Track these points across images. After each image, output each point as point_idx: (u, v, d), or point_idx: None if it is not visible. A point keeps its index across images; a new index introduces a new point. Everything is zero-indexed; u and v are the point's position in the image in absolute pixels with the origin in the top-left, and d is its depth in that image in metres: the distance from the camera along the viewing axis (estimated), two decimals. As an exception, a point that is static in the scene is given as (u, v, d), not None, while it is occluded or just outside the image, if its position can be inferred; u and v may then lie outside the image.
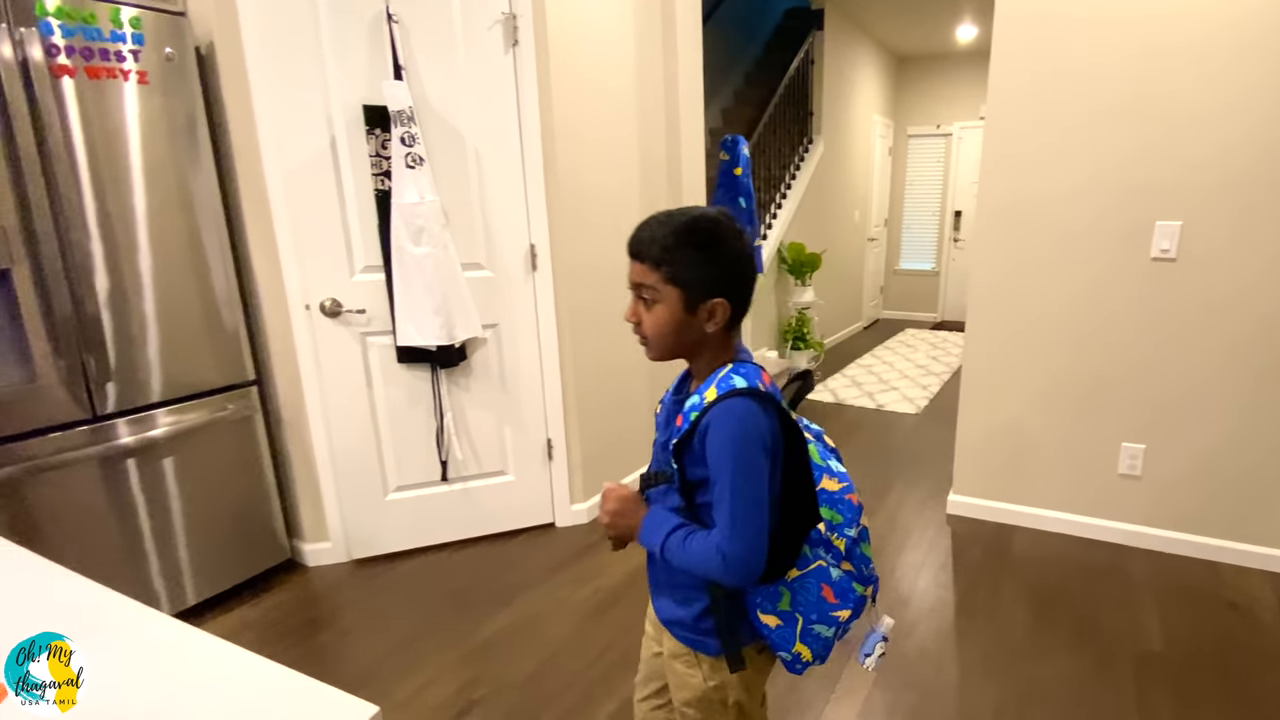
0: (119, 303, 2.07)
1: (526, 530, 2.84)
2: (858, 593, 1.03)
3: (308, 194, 2.34)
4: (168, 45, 2.11)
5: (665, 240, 0.97)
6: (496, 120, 2.52)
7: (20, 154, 1.84)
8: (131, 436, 2.12)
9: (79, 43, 1.94)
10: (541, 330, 2.72)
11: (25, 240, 1.87)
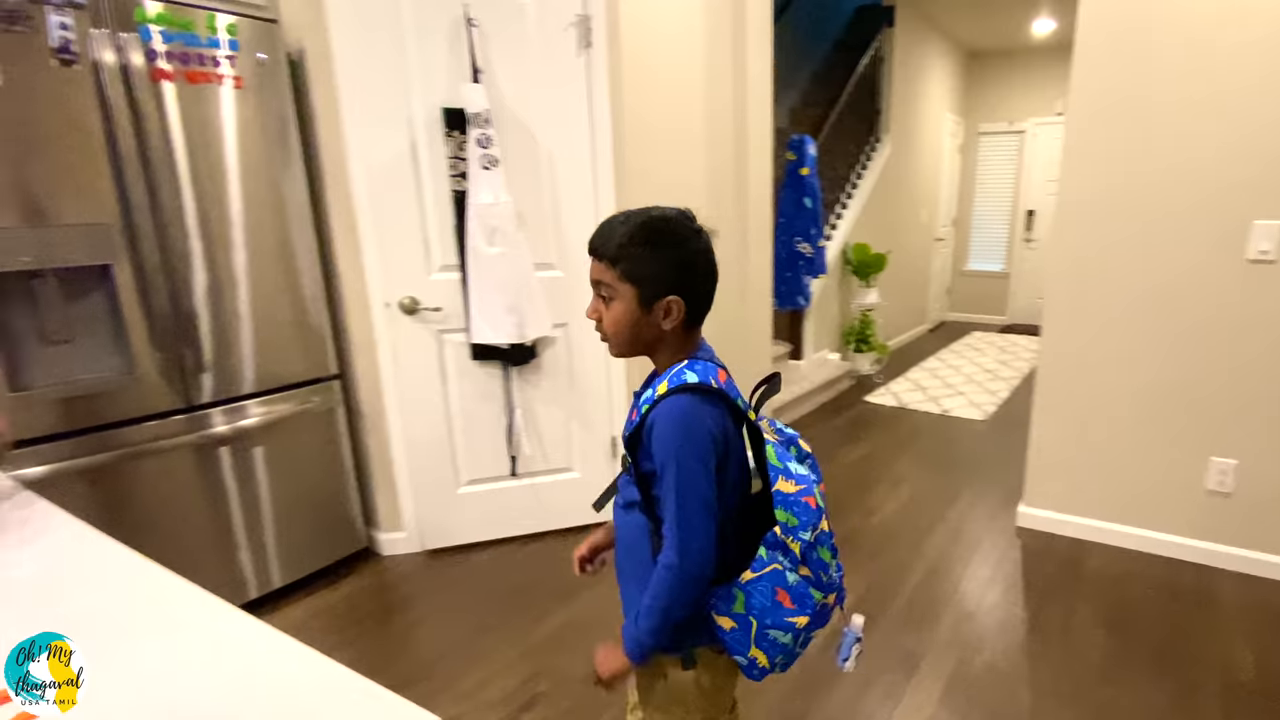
0: (214, 298, 2.18)
1: (591, 527, 2.87)
2: (815, 599, 0.99)
3: (389, 195, 2.41)
4: (261, 51, 2.20)
5: (621, 239, 0.98)
6: (569, 122, 2.55)
7: (122, 155, 1.94)
8: (224, 426, 2.23)
9: (178, 48, 2.03)
10: (609, 329, 2.74)
11: (126, 237, 1.97)
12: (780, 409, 4.07)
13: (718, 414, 0.97)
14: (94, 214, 1.91)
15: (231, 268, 2.20)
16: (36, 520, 0.86)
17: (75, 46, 1.85)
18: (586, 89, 2.55)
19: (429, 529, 2.70)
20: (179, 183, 2.07)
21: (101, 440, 1.97)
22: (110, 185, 1.93)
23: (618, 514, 1.11)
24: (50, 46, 1.81)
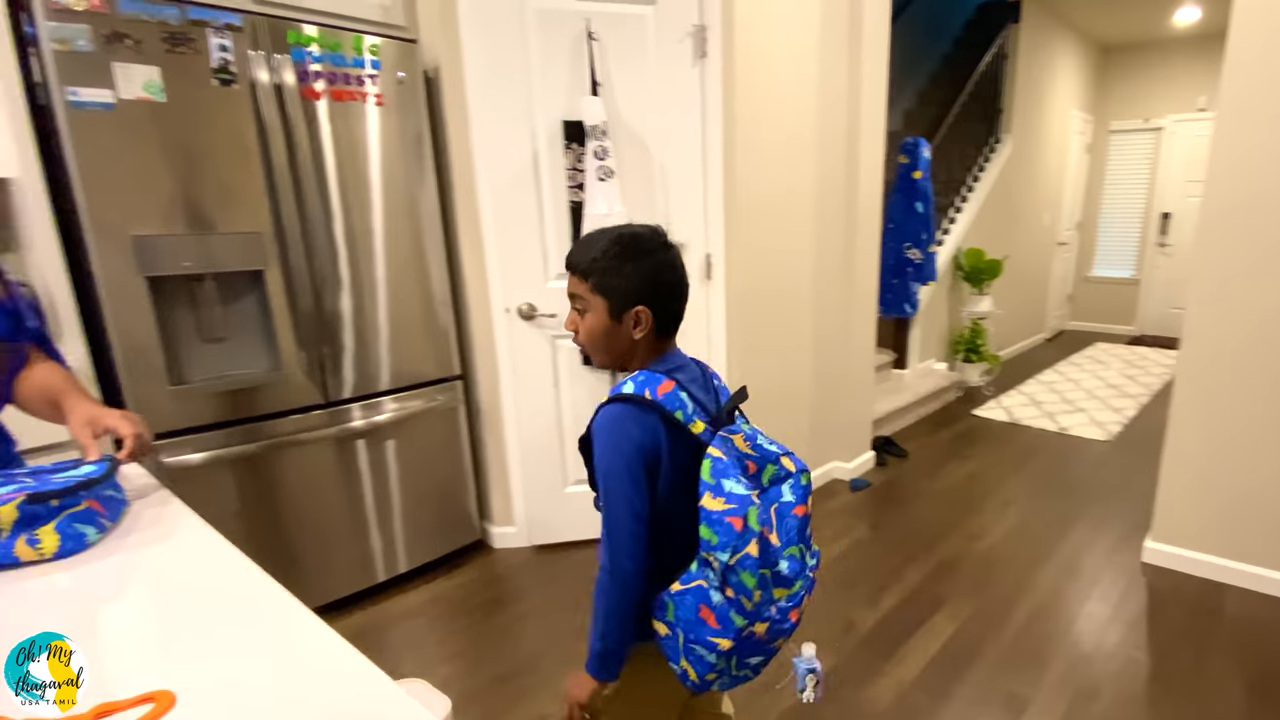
0: (355, 302, 2.33)
1: None
2: (737, 624, 0.97)
3: (512, 206, 2.51)
4: (401, 70, 2.32)
5: (593, 254, 1.03)
6: (681, 132, 2.58)
7: (274, 169, 2.09)
8: (361, 420, 2.38)
9: (326, 69, 2.16)
10: (712, 337, 2.76)
11: (277, 245, 2.13)
12: (882, 420, 3.96)
13: (649, 424, 1.00)
14: (249, 223, 2.07)
15: (372, 274, 2.35)
16: (167, 520, 0.92)
17: (234, 67, 2.00)
18: (700, 99, 2.57)
19: (537, 525, 2.80)
20: (327, 194, 2.22)
21: (250, 431, 2.15)
22: (264, 197, 2.09)
23: None
24: (211, 67, 1.97)
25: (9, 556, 0.77)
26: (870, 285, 3.37)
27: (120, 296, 1.90)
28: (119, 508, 0.91)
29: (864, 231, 3.20)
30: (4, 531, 0.77)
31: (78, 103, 1.79)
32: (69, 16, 1.76)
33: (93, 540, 0.83)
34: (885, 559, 2.70)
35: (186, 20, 1.91)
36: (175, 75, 1.90)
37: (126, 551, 0.82)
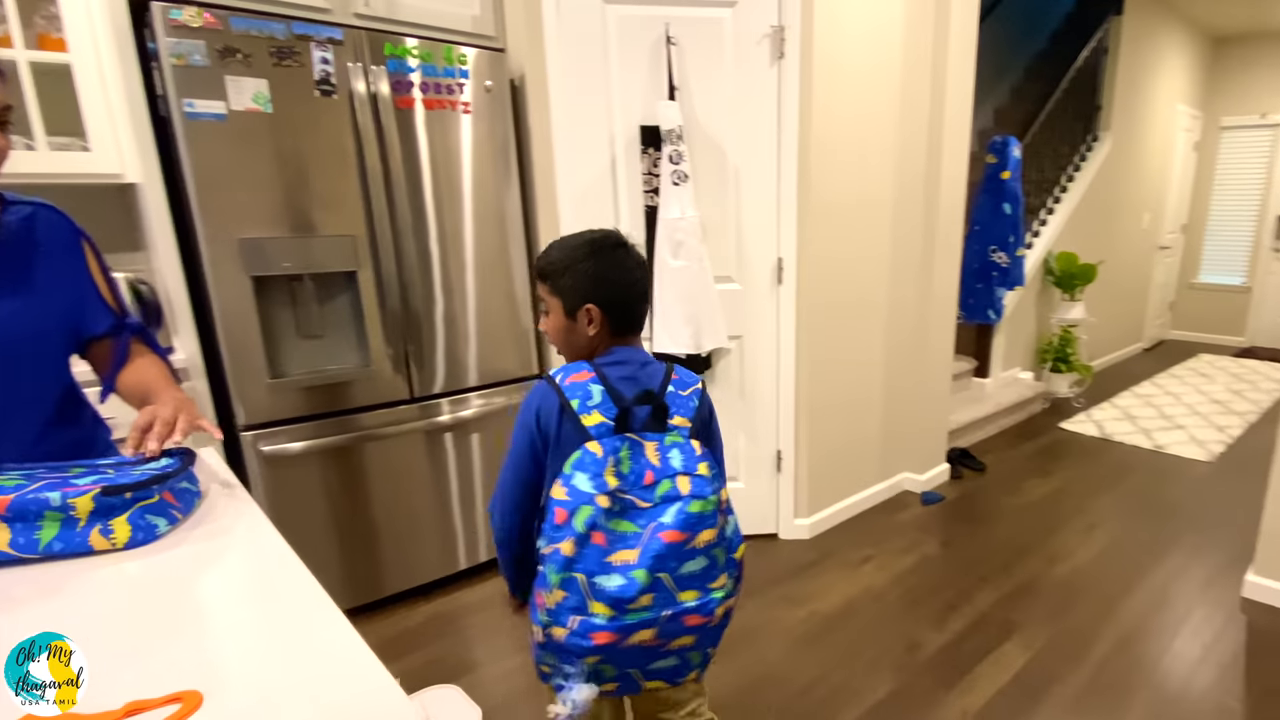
0: (445, 302, 2.37)
1: (750, 537, 2.84)
2: (540, 618, 1.01)
3: (590, 210, 2.51)
4: (488, 79, 2.35)
5: (550, 258, 1.12)
6: (756, 135, 2.51)
7: (368, 175, 2.15)
8: (448, 415, 2.43)
9: (418, 79, 2.21)
10: (781, 343, 2.67)
11: (370, 248, 2.19)
12: (959, 431, 3.76)
13: (549, 404, 1.04)
14: (345, 227, 2.14)
15: (462, 276, 2.39)
16: (232, 515, 0.93)
17: (334, 78, 2.07)
18: (776, 101, 2.49)
19: None
20: (419, 199, 2.26)
21: (342, 423, 2.22)
22: (359, 202, 2.15)
23: None
24: (313, 79, 2.04)
25: (84, 545, 0.80)
26: (950, 290, 3.19)
27: (228, 294, 1.99)
28: (192, 500, 0.94)
29: (944, 234, 3.03)
30: (81, 521, 0.80)
31: (193, 114, 1.89)
32: (186, 33, 1.85)
33: (163, 531, 0.86)
34: (955, 578, 2.54)
35: (292, 35, 1.99)
36: (281, 87, 1.97)
37: (191, 544, 0.85)
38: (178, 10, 1.82)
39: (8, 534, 0.77)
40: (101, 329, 1.14)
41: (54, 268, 1.07)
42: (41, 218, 1.07)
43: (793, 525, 2.85)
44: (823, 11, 2.45)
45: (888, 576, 2.54)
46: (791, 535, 2.86)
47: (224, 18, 1.88)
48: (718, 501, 1.03)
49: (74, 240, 1.11)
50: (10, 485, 0.80)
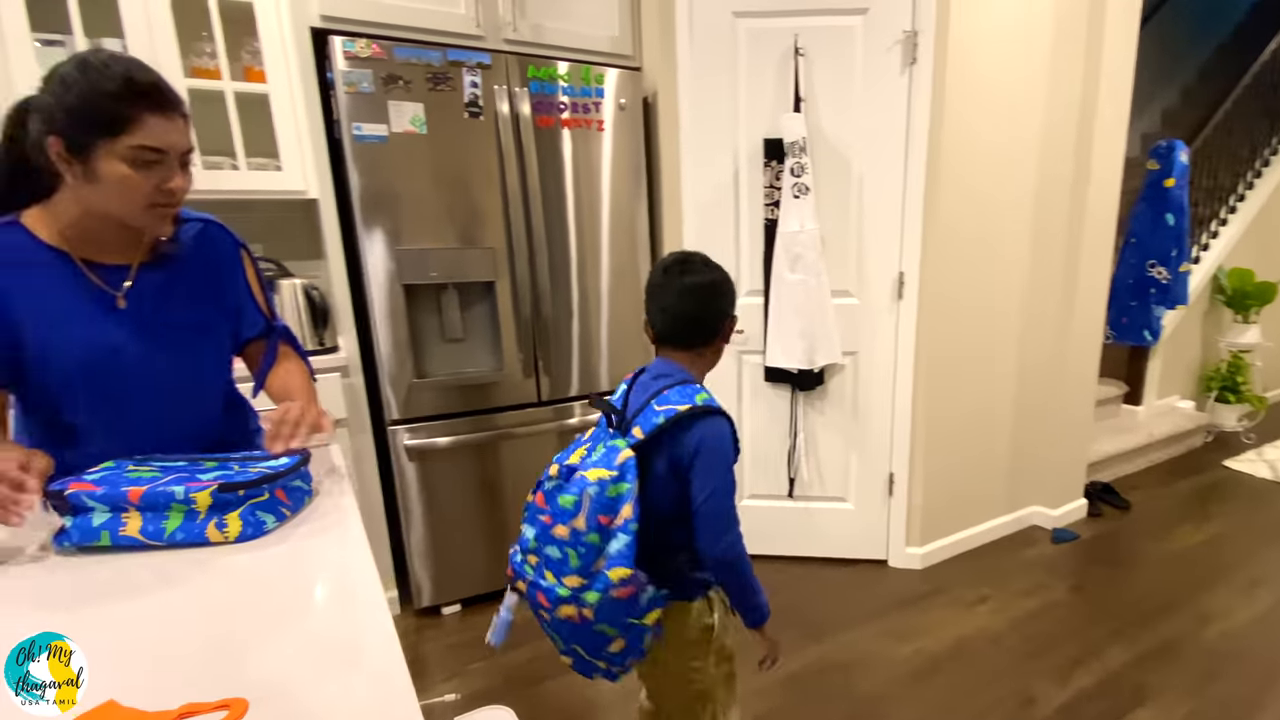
0: (580, 311, 2.38)
1: (858, 562, 2.63)
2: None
3: (711, 223, 2.43)
4: (623, 97, 2.33)
5: None
6: (882, 145, 2.32)
7: (508, 190, 2.18)
8: (577, 418, 2.43)
9: (558, 99, 2.22)
10: (899, 361, 2.45)
11: (508, 260, 2.22)
12: (1102, 463, 3.30)
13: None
14: (487, 240, 2.19)
15: (598, 285, 2.39)
16: (334, 516, 0.94)
17: (481, 101, 2.12)
18: (905, 109, 2.28)
19: None
20: (557, 213, 2.28)
21: (478, 422, 2.28)
22: (500, 216, 2.19)
23: None
24: (464, 101, 2.10)
25: (201, 536, 0.84)
26: (1096, 306, 2.78)
27: (385, 300, 2.09)
28: (301, 498, 0.97)
29: (1092, 245, 2.65)
30: (201, 514, 0.84)
31: (360, 136, 2.00)
32: (357, 63, 1.96)
33: (271, 528, 0.88)
34: (1084, 629, 2.20)
35: (446, 62, 2.06)
36: (435, 110, 2.05)
37: (290, 543, 0.87)
38: (351, 42, 1.93)
39: (139, 521, 0.82)
40: (255, 332, 1.23)
41: (221, 276, 1.15)
42: (209, 232, 1.15)
43: (904, 553, 2.61)
44: (960, 14, 2.21)
45: (1006, 619, 2.25)
46: (902, 564, 2.62)
47: (389, 48, 1.98)
48: (582, 501, 1.01)
49: (235, 251, 1.18)
50: (147, 477, 0.86)
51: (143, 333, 1.03)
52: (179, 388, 1.10)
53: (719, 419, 1.07)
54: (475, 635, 2.18)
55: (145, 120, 0.90)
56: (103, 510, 0.82)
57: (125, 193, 0.92)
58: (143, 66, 0.92)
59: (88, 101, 0.88)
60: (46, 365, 0.97)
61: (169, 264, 1.07)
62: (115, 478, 0.85)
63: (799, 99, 2.26)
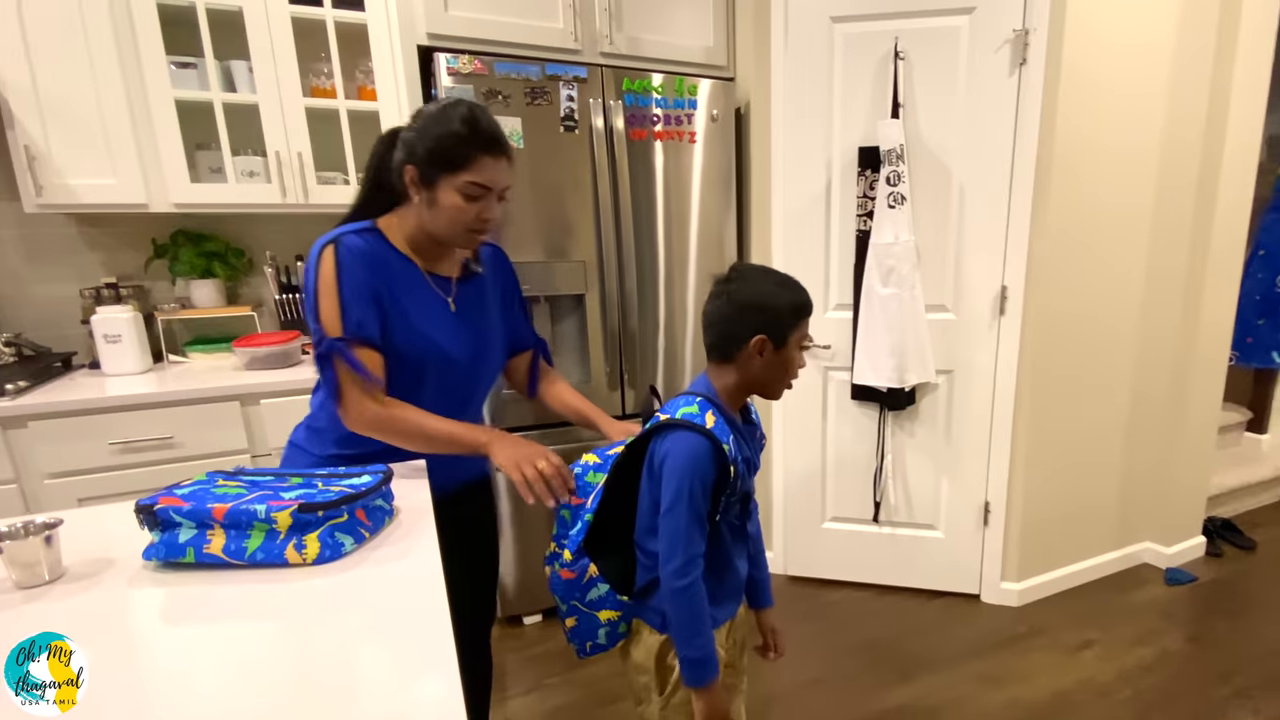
0: (667, 324, 2.29)
1: (948, 595, 2.38)
2: None
3: (800, 235, 2.27)
4: (715, 108, 2.21)
5: None
6: (987, 152, 2.09)
7: (600, 204, 2.10)
8: None
9: (651, 111, 2.13)
10: (999, 381, 2.21)
11: (597, 273, 2.14)
12: (1223, 497, 2.90)
13: None
14: (578, 253, 2.11)
15: (684, 299, 2.29)
16: (411, 539, 0.89)
17: (576, 114, 2.05)
18: (1013, 112, 2.05)
19: (793, 555, 2.52)
20: (648, 226, 2.18)
21: (566, 434, 2.18)
22: (591, 229, 2.11)
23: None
24: (560, 115, 2.04)
25: (280, 557, 0.79)
26: (1223, 325, 2.42)
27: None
28: (382, 519, 0.91)
29: (1219, 258, 2.30)
30: (281, 534, 0.79)
31: (460, 151, 1.98)
32: (460, 79, 1.93)
33: (349, 550, 0.83)
34: (1204, 686, 1.89)
35: (544, 76, 2.00)
36: (532, 124, 1.99)
37: (366, 567, 0.81)
38: (454, 59, 1.91)
39: (223, 539, 0.78)
40: (530, 343, 1.34)
41: (506, 293, 1.28)
42: (496, 255, 1.28)
43: (998, 589, 2.34)
44: (1076, 10, 1.95)
45: (1114, 670, 1.97)
46: (996, 600, 2.35)
47: (490, 64, 1.94)
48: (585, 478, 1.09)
49: (514, 274, 1.31)
50: (233, 493, 0.82)
51: (463, 335, 1.15)
52: (475, 388, 1.22)
53: (692, 435, 0.98)
54: (555, 646, 2.12)
55: (481, 161, 1.03)
56: (189, 526, 0.78)
57: (454, 218, 1.05)
58: (486, 116, 1.05)
59: (441, 142, 1.02)
60: (396, 350, 1.07)
61: (473, 280, 1.20)
62: (204, 493, 0.82)
63: (897, 105, 2.06)
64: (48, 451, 1.64)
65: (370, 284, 1.04)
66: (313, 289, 1.03)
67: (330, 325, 1.02)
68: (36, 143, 1.71)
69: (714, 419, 1.00)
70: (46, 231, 2.00)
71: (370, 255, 1.05)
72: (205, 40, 1.86)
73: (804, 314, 1.02)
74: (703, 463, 0.97)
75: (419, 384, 1.11)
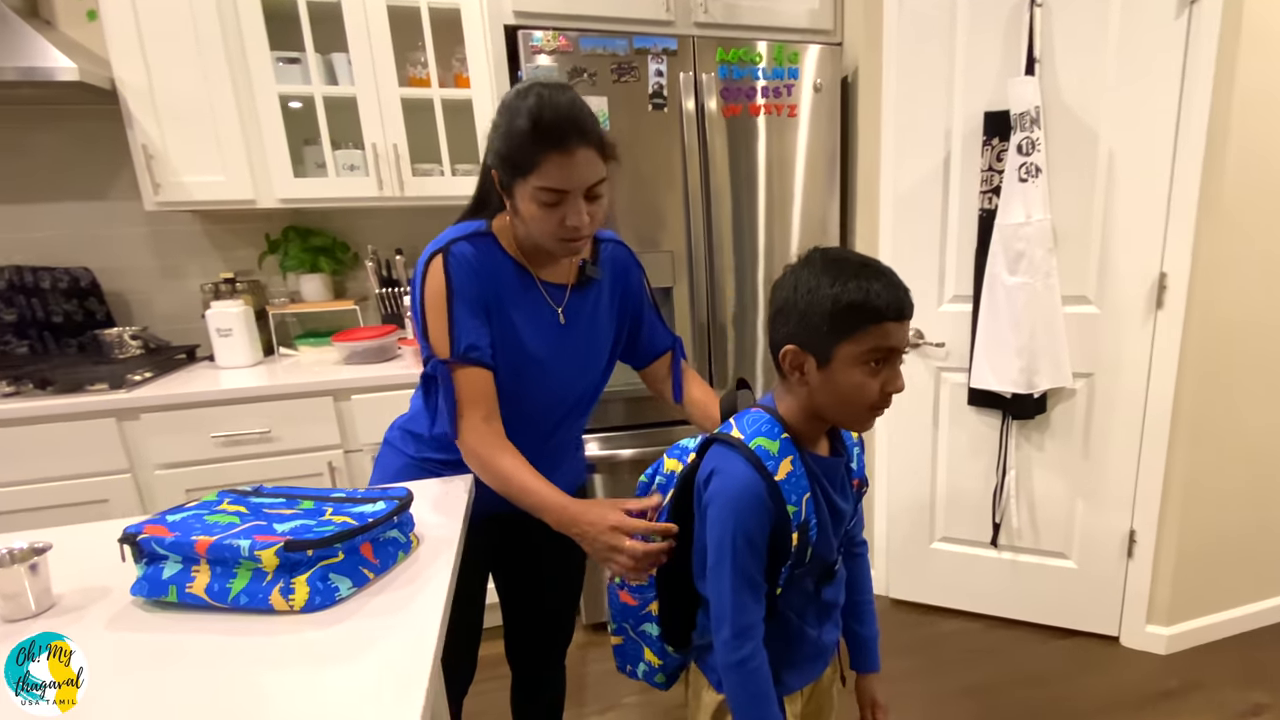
0: (764, 315, 2.02)
1: (1080, 635, 1.96)
2: None
3: (912, 218, 1.91)
4: (819, 77, 1.92)
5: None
6: (1145, 112, 1.64)
7: (689, 188, 1.88)
8: None
9: (748, 83, 1.87)
10: (1153, 388, 1.76)
11: (686, 263, 1.92)
12: None
13: None
14: (667, 242, 1.90)
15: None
16: (422, 580, 0.74)
17: (665, 90, 1.83)
18: (1179, 63, 1.58)
19: (896, 575, 2.17)
20: (743, 210, 1.94)
21: (651, 435, 2.01)
22: (681, 217, 1.90)
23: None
24: (647, 93, 1.83)
25: (264, 602, 0.66)
26: None
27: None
28: (394, 553, 0.76)
29: None
30: (268, 575, 0.66)
31: (546, 135, 1.82)
32: (544, 57, 1.76)
33: (344, 595, 0.68)
34: None
35: (632, 50, 1.80)
36: (618, 104, 1.80)
37: (359, 618, 0.66)
38: (538, 36, 1.74)
39: (207, 577, 0.66)
40: (666, 345, 1.16)
41: (628, 296, 1.11)
42: (617, 254, 1.10)
43: (1143, 632, 1.89)
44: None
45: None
46: (1140, 645, 1.90)
47: (574, 39, 1.75)
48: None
49: (639, 274, 1.13)
50: (223, 524, 0.69)
51: (569, 349, 1.02)
52: (580, 400, 1.08)
53: (747, 470, 0.74)
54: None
55: (547, 161, 0.83)
56: (174, 560, 0.67)
57: (538, 228, 0.89)
58: (553, 102, 0.83)
59: (508, 142, 0.85)
60: (501, 363, 0.96)
61: (590, 286, 1.04)
62: (194, 522, 0.70)
63: (1032, 60, 1.64)
64: (158, 443, 1.65)
65: (481, 296, 0.91)
66: (419, 303, 0.91)
67: (438, 345, 0.90)
68: (154, 142, 1.72)
69: (791, 466, 0.75)
70: (172, 229, 2.04)
71: (480, 264, 0.91)
72: (306, 34, 1.80)
73: (862, 317, 0.69)
74: (750, 515, 0.73)
75: (516, 393, 0.97)
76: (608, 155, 0.88)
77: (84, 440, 1.60)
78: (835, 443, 0.84)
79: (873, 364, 0.71)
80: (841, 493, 0.82)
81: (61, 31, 1.82)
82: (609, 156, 0.89)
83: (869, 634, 0.98)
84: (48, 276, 1.89)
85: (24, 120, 1.86)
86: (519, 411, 0.97)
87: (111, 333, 1.87)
